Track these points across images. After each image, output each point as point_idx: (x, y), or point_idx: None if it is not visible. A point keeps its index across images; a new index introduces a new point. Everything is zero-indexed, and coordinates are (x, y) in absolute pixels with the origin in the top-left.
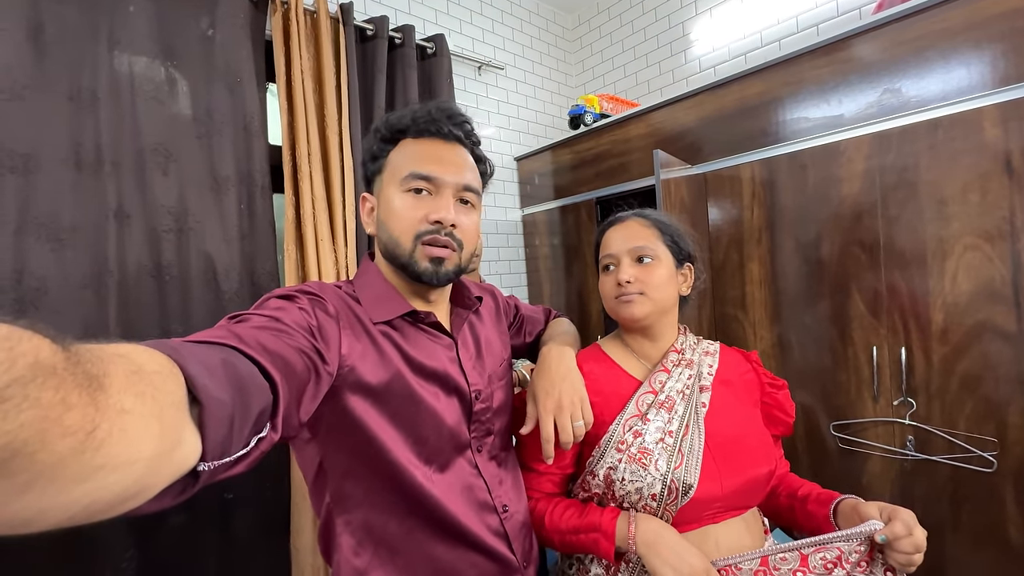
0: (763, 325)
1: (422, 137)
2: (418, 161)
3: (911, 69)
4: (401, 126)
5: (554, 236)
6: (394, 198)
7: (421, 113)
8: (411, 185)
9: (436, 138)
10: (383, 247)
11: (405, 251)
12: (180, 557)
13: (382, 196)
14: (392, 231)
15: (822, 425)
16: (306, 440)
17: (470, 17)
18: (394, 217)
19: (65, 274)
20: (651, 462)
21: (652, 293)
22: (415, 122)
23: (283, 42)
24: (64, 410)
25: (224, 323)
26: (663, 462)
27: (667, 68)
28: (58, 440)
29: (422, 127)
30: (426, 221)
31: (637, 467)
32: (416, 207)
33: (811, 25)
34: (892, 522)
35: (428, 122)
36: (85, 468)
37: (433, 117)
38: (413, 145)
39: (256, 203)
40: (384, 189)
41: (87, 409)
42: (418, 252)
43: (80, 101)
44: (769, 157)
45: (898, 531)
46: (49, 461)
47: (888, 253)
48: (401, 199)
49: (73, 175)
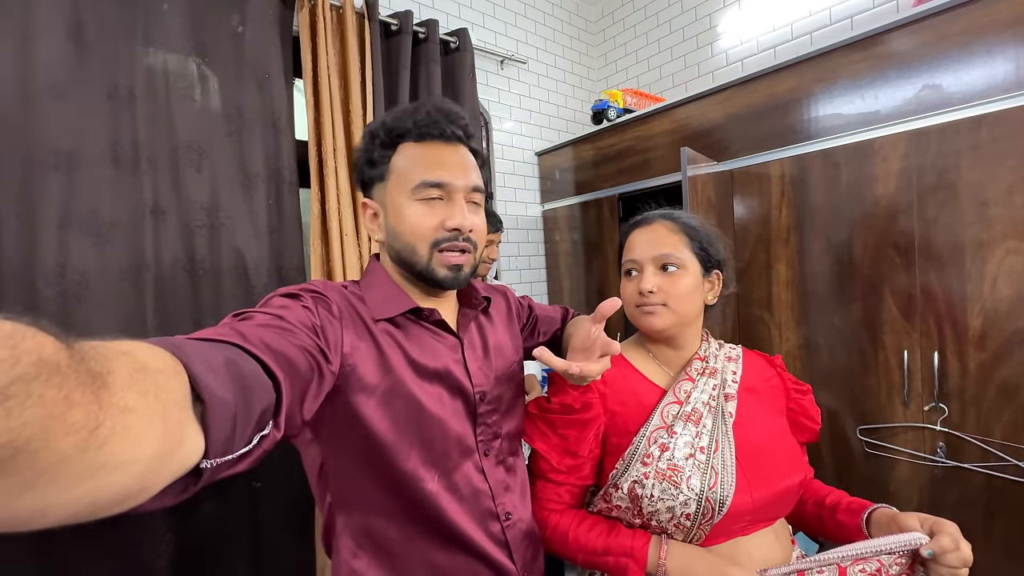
0: (789, 326)
1: (424, 141)
2: (427, 168)
3: (953, 64)
4: (400, 129)
5: (574, 232)
6: (406, 207)
7: (420, 115)
8: (424, 195)
9: (438, 140)
10: (395, 254)
11: (423, 259)
12: (212, 542)
13: (390, 204)
14: (408, 240)
15: (848, 429)
16: (308, 441)
17: (493, 10)
18: (408, 226)
19: (105, 268)
20: (682, 480)
21: (675, 305)
22: (416, 125)
23: (310, 38)
24: (67, 408)
25: (228, 321)
26: (696, 480)
27: (692, 62)
28: (61, 438)
29: (423, 130)
30: (442, 229)
31: (668, 485)
32: (431, 215)
33: (845, 17)
34: (939, 535)
35: (429, 124)
36: (87, 466)
37: (433, 119)
38: (416, 149)
39: (284, 199)
40: (392, 197)
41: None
42: (435, 260)
43: (118, 99)
44: (800, 155)
45: (946, 545)
46: (52, 459)
47: (923, 255)
48: (413, 208)
49: (112, 172)
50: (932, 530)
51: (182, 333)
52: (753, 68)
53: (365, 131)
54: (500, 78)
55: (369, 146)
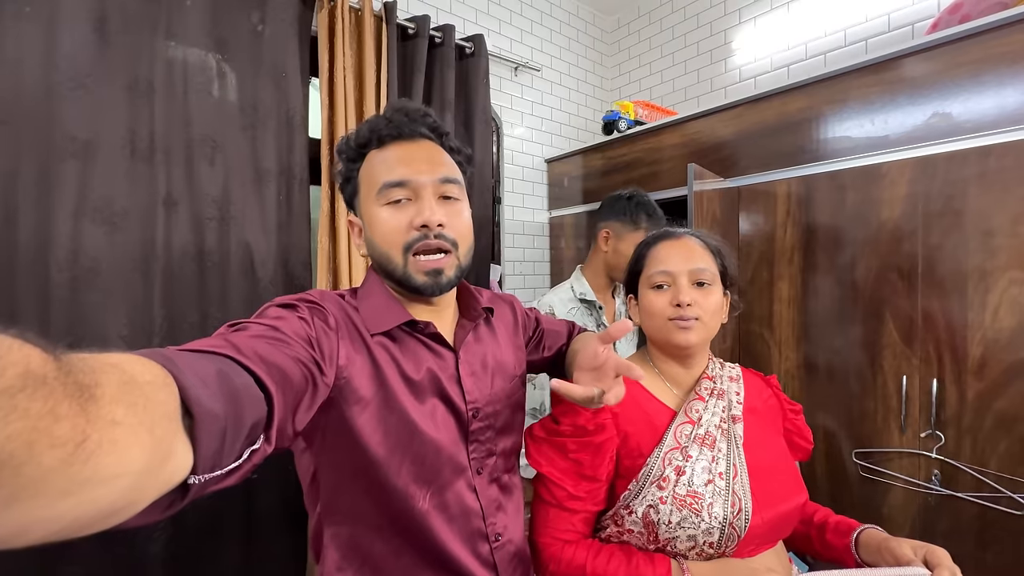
0: (789, 345)
1: (385, 145)
2: (387, 169)
3: (964, 93)
4: (363, 140)
5: (580, 239)
6: (375, 214)
7: (380, 122)
8: (388, 197)
9: (399, 141)
10: (377, 265)
11: (398, 266)
12: (207, 532)
13: (364, 215)
14: (380, 246)
15: (844, 451)
16: (302, 449)
17: (510, 17)
18: (378, 232)
19: (116, 256)
20: (703, 507)
21: (708, 320)
22: (374, 131)
23: (328, 38)
24: (53, 421)
25: (223, 331)
26: (719, 508)
27: (706, 76)
28: (46, 452)
29: (383, 135)
30: (411, 228)
31: (689, 513)
32: (398, 216)
33: (859, 40)
34: (939, 569)
35: (387, 127)
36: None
37: (391, 120)
38: (379, 155)
39: (294, 195)
40: (365, 207)
41: (77, 420)
42: (411, 266)
43: (137, 91)
44: (808, 175)
45: None
46: (36, 474)
47: (926, 281)
48: (382, 213)
49: (127, 162)
50: (927, 559)
51: (188, 322)
52: (766, 86)
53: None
54: (514, 84)
55: (341, 163)
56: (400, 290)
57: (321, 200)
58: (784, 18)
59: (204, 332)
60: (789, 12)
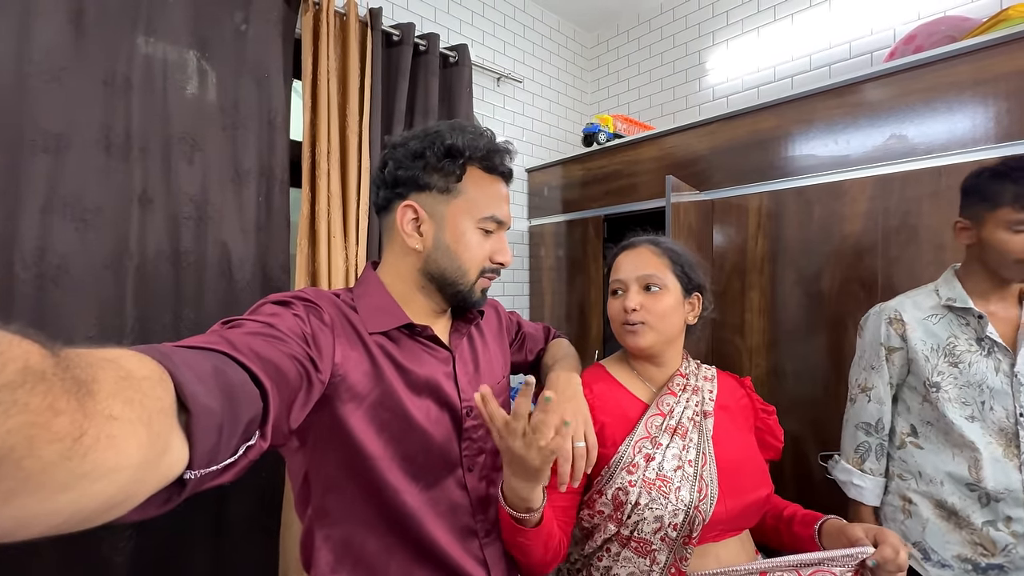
0: (759, 353)
1: (492, 173)
2: (496, 203)
3: (918, 117)
4: (473, 151)
5: (559, 248)
6: (469, 232)
7: (493, 145)
8: (489, 227)
9: (500, 177)
10: (438, 271)
11: (468, 282)
12: (174, 541)
13: (450, 221)
14: (462, 262)
15: (810, 454)
16: (295, 449)
17: (493, 29)
18: (468, 251)
19: (87, 254)
20: (671, 490)
21: (657, 323)
22: (488, 154)
23: (312, 41)
24: (52, 416)
25: (217, 328)
26: (686, 492)
27: (681, 94)
28: (45, 446)
29: (492, 162)
30: (490, 260)
31: (658, 495)
32: (486, 244)
33: (824, 65)
34: (882, 546)
35: (499, 158)
36: (71, 475)
37: (500, 153)
38: (485, 180)
39: (274, 197)
40: (455, 216)
41: (75, 415)
42: (478, 284)
43: (114, 86)
44: (777, 190)
45: (887, 555)
46: (35, 468)
47: (886, 292)
48: (475, 236)
49: (102, 158)
50: (876, 539)
51: (161, 323)
52: (737, 105)
53: (419, 135)
54: (496, 94)
55: (432, 153)
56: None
57: (301, 203)
58: (754, 42)
59: (177, 333)
60: (759, 36)
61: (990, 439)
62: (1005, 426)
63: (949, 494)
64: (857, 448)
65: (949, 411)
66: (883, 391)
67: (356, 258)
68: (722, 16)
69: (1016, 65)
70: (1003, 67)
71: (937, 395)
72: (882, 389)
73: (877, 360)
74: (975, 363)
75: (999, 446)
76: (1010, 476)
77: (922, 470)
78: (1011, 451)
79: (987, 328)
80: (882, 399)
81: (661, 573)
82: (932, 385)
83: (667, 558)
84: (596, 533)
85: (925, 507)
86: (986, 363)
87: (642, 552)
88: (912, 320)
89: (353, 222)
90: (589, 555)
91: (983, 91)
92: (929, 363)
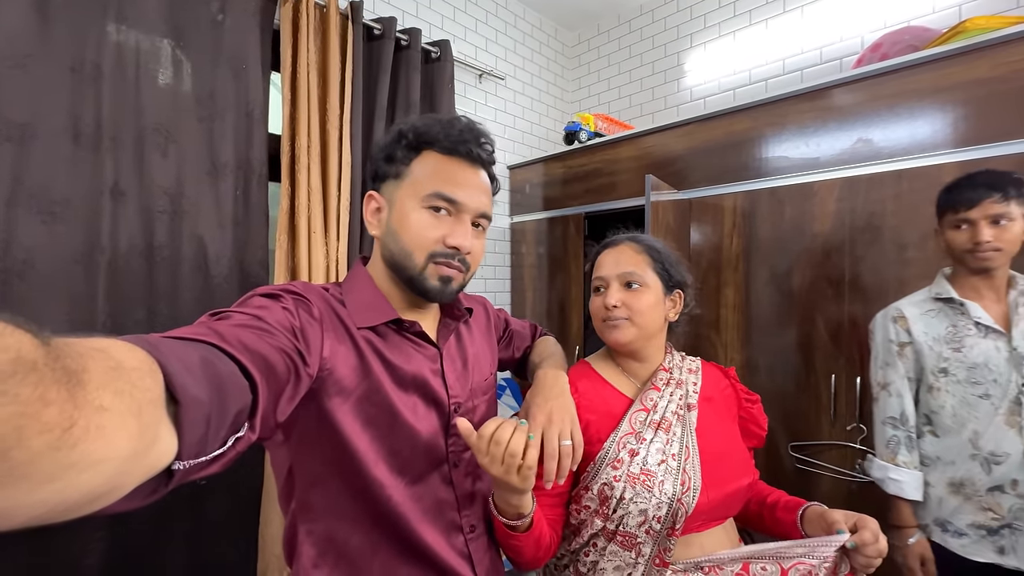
0: (734, 347)
1: (449, 155)
2: (444, 181)
3: (883, 122)
4: (430, 137)
5: (540, 245)
6: (412, 211)
7: (453, 129)
8: (433, 203)
9: (463, 159)
10: (389, 255)
11: (416, 266)
12: (149, 539)
13: (396, 204)
14: (405, 244)
15: (781, 445)
16: (279, 442)
17: (475, 26)
18: (410, 232)
19: (55, 248)
20: (655, 484)
21: (637, 319)
22: (446, 137)
23: (291, 33)
24: (42, 406)
25: (206, 320)
26: (669, 485)
27: (660, 94)
28: (34, 437)
29: (452, 144)
30: (442, 243)
31: (642, 488)
32: (435, 226)
33: (796, 69)
34: (862, 530)
35: (459, 141)
36: (59, 466)
37: (464, 137)
38: (440, 161)
39: (252, 191)
40: (401, 198)
41: (65, 405)
42: (429, 269)
43: (83, 74)
44: (751, 190)
45: (867, 539)
46: (23, 458)
47: (852, 289)
48: (420, 215)
49: (70, 148)
50: (856, 525)
51: (134, 319)
52: (714, 106)
53: (392, 129)
54: (478, 91)
55: (394, 143)
56: (395, 287)
57: (281, 197)
58: (731, 45)
59: (151, 330)
60: (735, 40)
61: (999, 412)
62: (1011, 397)
63: (958, 470)
64: (888, 443)
65: (957, 391)
66: (901, 384)
67: (337, 253)
68: (700, 19)
69: (973, 74)
70: (961, 76)
71: (947, 379)
72: (899, 383)
73: (890, 356)
74: (975, 345)
75: (1002, 415)
76: (1011, 440)
77: (940, 455)
78: (1013, 419)
79: (974, 312)
80: (901, 392)
81: (646, 565)
82: (940, 371)
83: (651, 550)
84: (583, 528)
85: (940, 487)
86: (986, 344)
87: (627, 545)
88: (912, 316)
89: (334, 217)
90: (576, 550)
91: (942, 98)
92: (934, 351)
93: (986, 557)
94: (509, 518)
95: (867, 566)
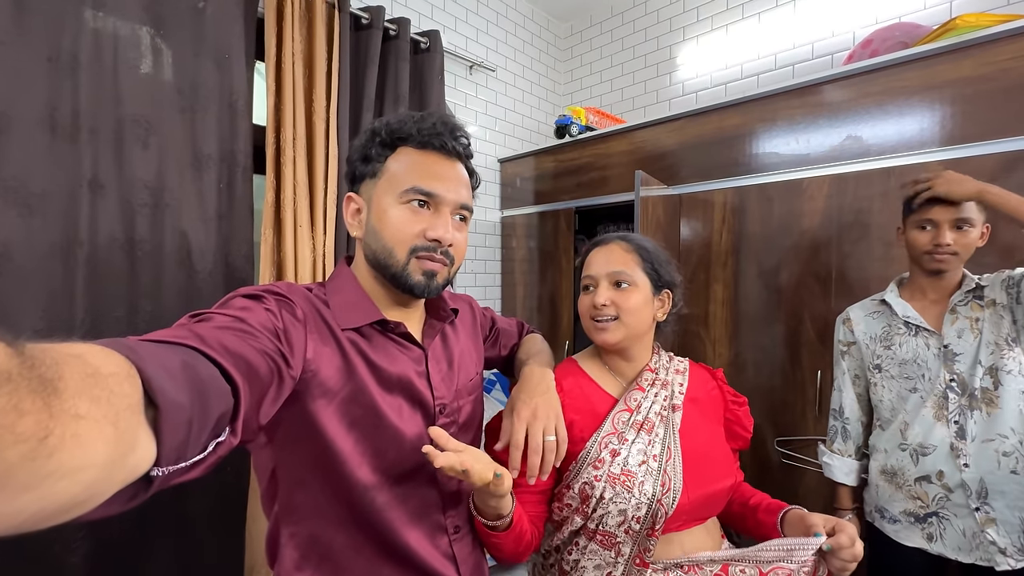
0: (723, 343)
1: (424, 149)
2: (420, 176)
3: (872, 119)
4: (403, 133)
5: (531, 239)
6: (390, 208)
7: (425, 124)
8: (411, 198)
9: (438, 152)
10: (371, 254)
11: (399, 263)
12: (133, 537)
13: (375, 203)
14: (386, 241)
15: (768, 440)
16: (262, 445)
17: (465, 16)
18: (390, 228)
19: (31, 241)
20: (635, 484)
21: (626, 318)
22: (419, 132)
23: (276, 22)
24: (17, 417)
25: (186, 322)
26: (649, 486)
27: (652, 88)
28: (9, 448)
29: (425, 139)
30: (423, 237)
31: (622, 489)
32: (414, 221)
33: (788, 64)
34: (838, 534)
35: (432, 135)
36: (35, 475)
37: (437, 130)
38: (415, 156)
39: (236, 183)
40: (379, 196)
41: (40, 415)
42: (412, 265)
43: (59, 63)
44: (741, 186)
45: (843, 542)
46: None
47: (839, 286)
48: (398, 211)
49: (47, 139)
50: (835, 529)
51: (114, 316)
52: (706, 100)
53: (366, 129)
54: (468, 83)
55: (368, 142)
56: (379, 286)
57: (266, 190)
58: (723, 39)
59: (133, 326)
60: (727, 34)
61: (925, 405)
62: (938, 392)
63: (890, 459)
64: (828, 431)
65: (892, 386)
66: (842, 380)
67: (324, 248)
68: (692, 12)
69: (961, 73)
70: (949, 74)
71: (881, 375)
72: (841, 379)
73: (837, 355)
74: (905, 343)
75: (931, 408)
76: (938, 433)
77: (879, 445)
78: (941, 412)
79: (902, 311)
80: (842, 387)
81: (626, 564)
82: (875, 367)
83: (631, 549)
84: (564, 525)
85: (876, 475)
86: (915, 341)
87: (607, 545)
88: (857, 318)
89: (321, 211)
90: (559, 547)
91: (930, 96)
92: (869, 349)
93: (916, 543)
94: (489, 519)
95: (842, 569)
